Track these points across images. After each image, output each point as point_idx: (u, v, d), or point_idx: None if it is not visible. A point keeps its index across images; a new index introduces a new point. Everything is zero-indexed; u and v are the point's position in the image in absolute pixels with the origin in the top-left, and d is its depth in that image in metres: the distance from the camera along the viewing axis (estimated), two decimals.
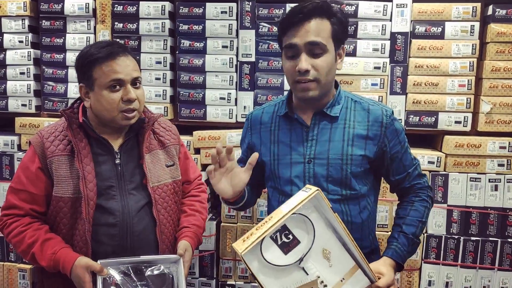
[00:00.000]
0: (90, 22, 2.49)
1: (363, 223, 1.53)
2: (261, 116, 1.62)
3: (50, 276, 1.60)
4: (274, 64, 2.37)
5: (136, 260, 1.51)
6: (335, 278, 1.29)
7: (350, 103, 1.52)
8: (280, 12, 2.32)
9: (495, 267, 2.27)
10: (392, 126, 1.50)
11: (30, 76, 2.53)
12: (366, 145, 1.48)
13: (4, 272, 2.50)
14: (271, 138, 1.57)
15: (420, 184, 1.57)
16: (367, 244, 1.56)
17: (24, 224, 1.55)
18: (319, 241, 1.27)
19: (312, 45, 1.39)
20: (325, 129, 1.49)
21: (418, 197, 1.55)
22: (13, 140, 2.52)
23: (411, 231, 1.49)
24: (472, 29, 2.27)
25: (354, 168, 1.47)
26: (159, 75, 2.45)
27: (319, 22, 1.40)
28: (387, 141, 1.49)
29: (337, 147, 1.47)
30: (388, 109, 1.52)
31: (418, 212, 1.53)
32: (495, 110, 2.27)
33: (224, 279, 2.42)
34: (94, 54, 1.52)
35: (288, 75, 1.47)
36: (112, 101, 1.53)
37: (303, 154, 1.50)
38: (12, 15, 2.50)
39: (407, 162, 1.54)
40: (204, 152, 2.40)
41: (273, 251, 1.25)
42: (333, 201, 1.46)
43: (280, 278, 1.26)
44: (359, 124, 1.48)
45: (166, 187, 1.67)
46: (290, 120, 1.54)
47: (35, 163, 1.56)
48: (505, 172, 2.26)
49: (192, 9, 2.38)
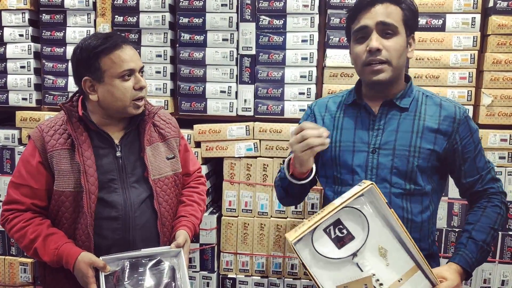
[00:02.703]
0: (90, 16, 2.48)
1: (423, 223, 1.45)
2: (326, 104, 1.58)
3: (52, 271, 1.60)
4: (274, 57, 2.36)
5: (136, 254, 1.51)
6: (392, 277, 1.24)
7: (421, 97, 1.47)
8: (280, 5, 2.31)
9: (496, 260, 2.27)
10: (466, 124, 1.44)
11: (30, 70, 2.53)
12: (436, 139, 1.41)
13: (5, 266, 2.50)
14: (334, 124, 1.52)
15: (493, 188, 1.48)
16: (425, 246, 1.48)
17: (26, 219, 1.55)
18: (374, 238, 1.24)
19: (383, 25, 1.36)
20: (393, 119, 1.44)
21: (491, 202, 1.46)
22: (13, 134, 2.52)
23: (481, 238, 1.40)
24: (473, 21, 2.26)
25: (421, 161, 1.41)
26: (159, 68, 2.44)
27: (390, 6, 1.38)
28: (459, 139, 1.43)
29: (405, 137, 1.42)
30: (462, 107, 1.46)
31: (490, 218, 1.43)
32: (496, 102, 2.26)
33: (225, 272, 2.42)
34: (99, 46, 1.50)
35: (357, 59, 1.42)
36: (126, 90, 1.53)
37: (368, 143, 1.45)
38: (12, 8, 2.49)
39: (481, 164, 1.46)
40: (205, 146, 2.40)
41: (326, 244, 1.23)
42: (395, 195, 1.42)
43: (333, 271, 1.23)
44: (430, 118, 1.43)
45: (167, 180, 1.67)
46: (357, 108, 1.50)
47: (36, 158, 1.56)
48: (506, 164, 2.26)
49: (192, 2, 2.37)
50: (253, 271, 2.40)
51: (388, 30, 1.37)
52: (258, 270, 2.40)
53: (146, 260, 1.50)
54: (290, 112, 2.37)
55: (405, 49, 1.42)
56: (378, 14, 1.37)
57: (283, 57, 2.35)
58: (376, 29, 1.37)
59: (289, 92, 2.37)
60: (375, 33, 1.37)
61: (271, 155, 2.36)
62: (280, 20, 2.34)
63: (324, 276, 1.22)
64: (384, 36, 1.37)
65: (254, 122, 2.39)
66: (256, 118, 2.42)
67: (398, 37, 1.38)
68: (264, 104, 2.39)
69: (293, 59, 2.35)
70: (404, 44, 1.40)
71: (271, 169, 2.34)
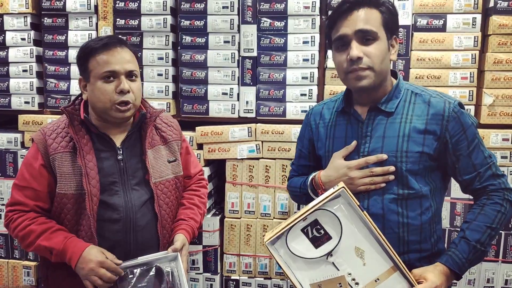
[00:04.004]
0: (92, 19, 2.49)
1: (422, 225, 1.42)
2: (321, 111, 1.59)
3: (55, 270, 1.61)
4: (276, 58, 2.37)
5: (134, 262, 1.52)
6: (368, 277, 1.27)
7: (409, 96, 1.44)
8: (281, 6, 2.32)
9: (499, 260, 2.27)
10: (457, 119, 1.38)
11: (32, 73, 2.54)
12: (424, 140, 1.38)
13: (8, 269, 2.51)
14: (327, 133, 1.53)
15: (494, 185, 1.41)
16: (427, 247, 1.45)
17: (31, 218, 1.56)
18: (350, 239, 1.27)
19: (362, 33, 1.34)
20: (380, 125, 1.42)
21: (490, 199, 1.40)
22: (16, 138, 2.53)
23: (475, 238, 1.36)
24: (473, 22, 2.27)
25: (410, 165, 1.38)
26: (161, 71, 2.45)
27: (368, 11, 1.35)
28: (449, 136, 1.38)
29: (391, 143, 1.39)
30: (452, 101, 1.39)
31: (487, 217, 1.38)
32: (498, 102, 2.27)
33: (228, 274, 2.42)
34: (90, 46, 1.55)
35: (339, 68, 1.41)
36: (105, 92, 1.53)
37: (357, 150, 1.44)
38: (14, 12, 2.50)
39: (477, 161, 1.40)
40: (207, 147, 2.40)
41: (302, 243, 1.27)
42: (389, 200, 1.40)
43: (309, 270, 1.27)
44: (417, 118, 1.39)
45: (168, 183, 1.68)
46: (347, 116, 1.49)
47: (38, 160, 1.57)
48: (508, 164, 2.26)
49: (194, 5, 2.38)
50: (257, 272, 2.40)
51: (367, 36, 1.35)
52: (261, 272, 2.40)
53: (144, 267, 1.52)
54: (292, 113, 2.38)
55: (387, 53, 1.39)
56: (356, 22, 1.34)
57: (284, 58, 2.36)
58: (355, 37, 1.35)
59: (291, 94, 2.38)
60: (354, 41, 1.35)
61: (273, 156, 2.37)
62: (281, 21, 2.34)
63: (300, 275, 1.27)
64: (364, 42, 1.35)
65: (256, 124, 2.39)
66: (258, 120, 2.42)
67: (378, 42, 1.35)
68: (266, 106, 2.40)
69: (294, 60, 2.35)
70: (385, 48, 1.38)
71: (274, 170, 2.35)
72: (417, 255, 1.44)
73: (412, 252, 1.43)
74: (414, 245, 1.42)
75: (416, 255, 1.43)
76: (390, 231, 1.41)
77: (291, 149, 2.34)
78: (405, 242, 1.42)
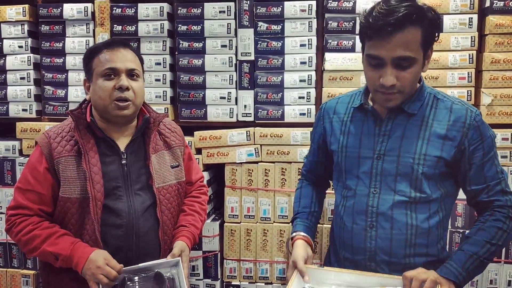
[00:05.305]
0: (89, 26, 2.49)
1: (430, 229, 1.41)
2: (335, 106, 1.56)
3: (57, 273, 1.59)
4: (273, 62, 2.37)
5: (134, 268, 1.50)
6: None
7: (432, 101, 1.41)
8: (278, 10, 2.32)
9: (502, 260, 2.25)
10: (477, 128, 1.37)
11: (30, 80, 2.54)
12: (443, 145, 1.36)
13: (7, 278, 2.49)
14: (341, 129, 1.51)
15: (500, 201, 1.39)
16: (434, 252, 1.44)
17: (35, 223, 1.55)
18: None
19: (400, 60, 1.28)
20: (400, 125, 1.40)
21: (493, 216, 1.38)
22: (14, 145, 2.52)
23: (472, 250, 1.35)
24: (470, 22, 2.27)
25: (426, 169, 1.36)
26: (159, 76, 2.45)
27: (411, 33, 1.26)
28: (468, 144, 1.36)
29: (411, 144, 1.38)
30: (475, 111, 1.38)
31: (487, 232, 1.37)
32: (496, 102, 2.26)
33: (228, 279, 2.40)
34: (94, 46, 1.60)
35: (369, 81, 1.38)
36: (105, 88, 1.54)
37: (373, 149, 1.42)
38: (11, 20, 2.51)
39: (489, 174, 1.38)
40: (206, 152, 2.39)
41: None
42: (399, 202, 1.39)
43: None
44: (438, 123, 1.38)
45: (171, 188, 1.68)
46: (364, 112, 1.47)
47: (43, 164, 1.56)
48: (507, 163, 2.25)
49: (191, 10, 2.39)
50: (257, 277, 2.38)
51: (404, 63, 1.29)
52: (262, 277, 2.38)
53: (145, 273, 1.50)
54: (291, 116, 2.37)
55: (420, 71, 1.35)
56: (395, 48, 1.26)
57: (282, 61, 2.36)
58: (391, 63, 1.29)
59: (289, 97, 2.37)
60: (390, 67, 1.29)
61: (272, 160, 2.36)
62: (278, 25, 2.35)
63: None
64: (399, 67, 1.30)
65: (255, 128, 2.39)
66: (257, 123, 2.42)
67: (414, 67, 1.31)
68: (264, 109, 2.39)
69: (292, 63, 2.35)
70: (419, 69, 1.33)
71: (273, 174, 2.34)
72: (423, 259, 1.42)
73: (418, 255, 1.42)
74: (421, 249, 1.41)
75: (422, 259, 1.42)
76: (398, 232, 1.40)
77: (290, 152, 2.33)
78: (411, 245, 1.41)
